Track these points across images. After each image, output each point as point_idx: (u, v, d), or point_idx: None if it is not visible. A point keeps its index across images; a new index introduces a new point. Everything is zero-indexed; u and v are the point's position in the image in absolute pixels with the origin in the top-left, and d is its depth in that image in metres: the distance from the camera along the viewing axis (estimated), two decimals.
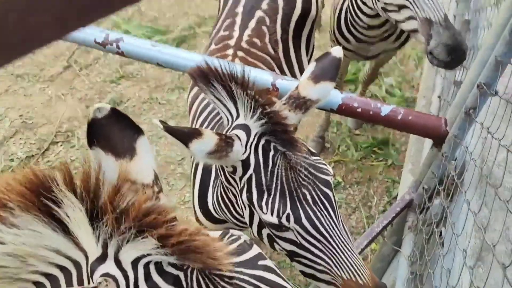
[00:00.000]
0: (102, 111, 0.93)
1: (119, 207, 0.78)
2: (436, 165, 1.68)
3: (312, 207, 1.25)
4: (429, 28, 1.72)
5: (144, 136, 0.97)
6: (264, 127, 1.27)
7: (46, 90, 3.89)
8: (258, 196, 1.26)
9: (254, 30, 2.18)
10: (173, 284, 0.81)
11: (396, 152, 3.64)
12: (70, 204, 0.77)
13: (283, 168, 1.26)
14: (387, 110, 1.63)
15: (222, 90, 1.30)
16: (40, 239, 0.78)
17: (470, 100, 1.43)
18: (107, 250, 0.80)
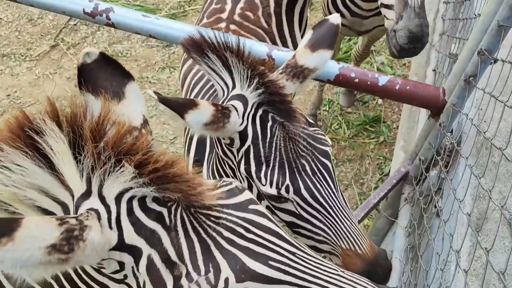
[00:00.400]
0: (91, 55, 0.93)
1: (99, 137, 0.77)
2: (434, 136, 1.67)
3: (311, 178, 1.23)
4: (403, 9, 1.72)
5: (134, 81, 0.97)
6: (261, 97, 1.23)
7: (33, 69, 3.81)
8: (256, 167, 1.24)
9: (247, 3, 2.14)
10: (155, 219, 0.80)
11: (387, 129, 3.65)
12: (53, 134, 0.76)
13: (281, 139, 1.23)
14: (385, 80, 1.61)
15: (217, 60, 1.26)
16: (27, 177, 0.77)
17: (470, 68, 1.42)
18: (91, 186, 0.79)
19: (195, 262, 0.78)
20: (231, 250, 0.80)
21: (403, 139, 3.02)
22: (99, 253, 0.76)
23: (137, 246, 0.80)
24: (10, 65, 3.83)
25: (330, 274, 0.85)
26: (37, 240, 0.69)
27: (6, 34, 4.07)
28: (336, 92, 3.83)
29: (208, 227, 0.81)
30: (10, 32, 4.10)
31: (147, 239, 0.79)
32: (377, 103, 3.81)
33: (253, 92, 1.24)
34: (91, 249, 0.73)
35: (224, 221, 0.82)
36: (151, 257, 0.79)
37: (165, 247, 0.79)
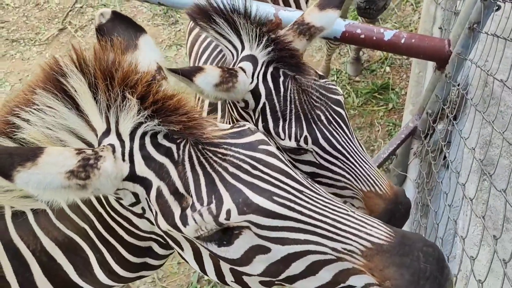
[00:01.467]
0: (105, 15, 1.00)
1: (110, 75, 0.84)
2: (440, 88, 1.70)
3: (328, 126, 1.26)
4: None
5: (146, 34, 1.03)
6: (271, 54, 1.26)
7: (43, 53, 3.86)
8: (273, 123, 1.27)
9: None
10: (165, 154, 0.86)
11: (396, 96, 3.66)
12: (74, 77, 0.83)
13: (295, 92, 1.26)
14: (390, 34, 1.63)
15: (225, 24, 1.28)
16: (59, 118, 0.85)
17: (474, 15, 1.44)
18: (109, 124, 0.86)
19: (199, 193, 0.84)
20: (235, 184, 0.84)
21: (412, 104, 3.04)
22: (113, 182, 0.84)
23: (148, 178, 0.86)
24: (20, 50, 3.89)
25: (339, 214, 0.87)
26: (57, 166, 0.77)
27: (14, 19, 4.13)
28: (344, 62, 3.85)
29: (214, 163, 0.86)
30: (18, 17, 4.15)
31: (156, 172, 0.86)
32: (385, 70, 3.82)
33: (263, 51, 1.26)
34: (105, 177, 0.81)
35: (231, 158, 0.87)
36: (160, 189, 0.86)
37: (173, 179, 0.85)
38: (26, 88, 0.87)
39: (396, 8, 4.21)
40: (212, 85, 1.18)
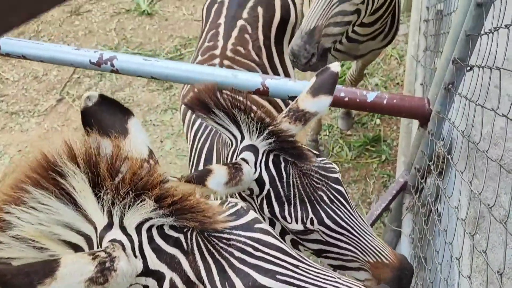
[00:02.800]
0: (92, 98, 1.01)
1: (116, 174, 0.86)
2: (425, 144, 1.77)
3: (330, 206, 1.32)
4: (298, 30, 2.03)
5: (134, 117, 1.05)
6: (272, 145, 1.31)
7: (42, 123, 3.97)
8: (279, 208, 1.31)
9: (237, 38, 2.29)
10: (174, 245, 0.89)
11: (388, 147, 3.74)
12: (74, 175, 0.84)
13: (296, 176, 1.30)
14: (373, 96, 1.72)
15: (224, 117, 1.33)
16: (53, 215, 0.85)
17: (448, 76, 1.52)
18: (112, 218, 0.87)
19: (213, 283, 0.87)
20: (243, 268, 0.89)
21: (404, 155, 3.11)
22: (128, 280, 0.85)
23: (160, 271, 0.88)
24: (19, 122, 3.99)
25: (328, 281, 0.93)
26: (76, 275, 0.77)
27: (13, 93, 4.26)
28: (335, 117, 3.95)
29: (221, 249, 0.90)
30: (17, 90, 4.29)
31: (168, 264, 0.88)
32: (375, 123, 3.92)
33: (263, 141, 1.32)
34: (122, 277, 0.82)
35: (235, 242, 0.91)
36: (173, 280, 0.88)
37: (185, 270, 0.88)
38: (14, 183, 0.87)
39: (381, 62, 4.38)
40: (222, 184, 1.23)
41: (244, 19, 2.34)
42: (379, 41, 2.63)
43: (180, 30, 4.76)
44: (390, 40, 2.68)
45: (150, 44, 4.64)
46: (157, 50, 4.56)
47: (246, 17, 2.34)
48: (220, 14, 2.38)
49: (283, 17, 2.44)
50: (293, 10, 2.52)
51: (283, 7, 2.45)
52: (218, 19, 2.37)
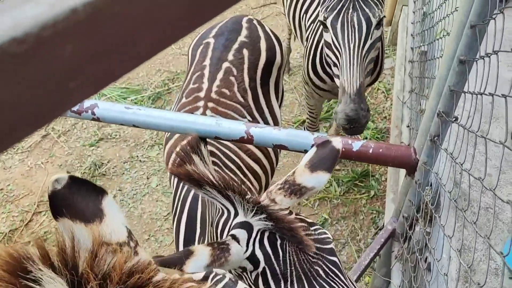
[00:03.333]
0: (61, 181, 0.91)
1: (100, 273, 0.78)
2: (412, 193, 1.74)
3: (326, 279, 1.28)
4: (342, 93, 2.00)
5: (108, 195, 0.96)
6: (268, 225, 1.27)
7: (25, 160, 3.89)
8: (276, 285, 1.27)
9: (222, 80, 2.27)
10: None
11: (377, 183, 3.71)
12: (50, 280, 0.75)
13: (293, 253, 1.27)
14: (358, 145, 1.69)
15: (218, 195, 1.31)
16: None
17: (433, 128, 1.51)
18: None
19: None
20: None
21: (392, 192, 3.08)
22: None
23: None
24: (2, 159, 3.91)
25: None
26: None
27: None
28: None
29: None
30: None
31: None
32: None
33: (259, 221, 1.28)
34: None
35: None
36: None
37: None
38: None
39: (368, 95, 4.40)
40: (203, 267, 1.19)
41: (229, 61, 2.33)
42: None
43: (168, 65, 4.76)
44: (375, 78, 2.69)
45: (137, 78, 4.63)
46: (144, 85, 4.54)
47: (231, 59, 2.33)
48: (206, 56, 2.37)
49: (269, 59, 2.43)
50: (278, 52, 2.51)
51: (269, 49, 2.45)
52: (204, 61, 2.36)
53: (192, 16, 0.32)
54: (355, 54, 1.97)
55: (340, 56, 2.01)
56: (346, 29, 1.99)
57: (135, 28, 0.31)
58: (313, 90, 2.86)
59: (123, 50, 0.30)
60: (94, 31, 0.29)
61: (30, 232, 3.36)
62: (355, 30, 1.98)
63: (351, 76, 1.96)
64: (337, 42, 2.03)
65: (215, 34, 2.46)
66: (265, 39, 2.48)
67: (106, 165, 3.85)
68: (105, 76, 0.30)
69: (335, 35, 2.02)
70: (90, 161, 3.87)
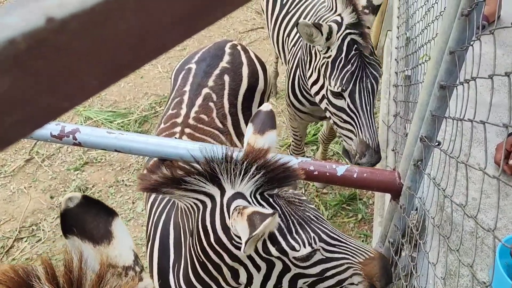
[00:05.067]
0: (73, 200, 0.94)
1: None
2: (397, 218, 1.72)
3: (319, 223, 1.44)
4: (365, 149, 2.17)
5: (118, 217, 0.98)
6: (258, 181, 1.36)
7: (8, 185, 3.82)
8: (285, 241, 1.37)
9: (201, 106, 2.26)
10: None
11: (364, 206, 3.70)
12: None
13: (286, 205, 1.40)
14: (342, 170, 1.68)
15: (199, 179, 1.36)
16: None
17: (417, 153, 1.50)
18: None
19: None
20: None
21: (380, 215, 3.07)
22: None
23: None
24: None
25: None
26: None
27: None
28: None
29: None
30: None
31: None
32: None
33: (248, 183, 1.37)
34: None
35: None
36: None
37: None
38: None
39: None
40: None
41: (209, 87, 2.32)
42: None
43: (155, 88, 4.75)
44: None
45: (124, 102, 4.61)
46: (131, 108, 4.52)
47: (211, 85, 2.33)
48: (186, 82, 2.37)
49: (251, 84, 2.43)
50: (262, 77, 2.52)
51: (251, 75, 2.45)
52: (184, 87, 2.35)
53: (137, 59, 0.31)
54: (371, 114, 2.19)
55: (357, 118, 2.17)
56: (363, 95, 2.15)
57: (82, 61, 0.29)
58: (295, 112, 2.88)
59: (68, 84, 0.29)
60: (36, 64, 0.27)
61: (10, 259, 3.27)
62: (370, 95, 2.17)
63: (372, 133, 2.17)
64: (354, 107, 2.17)
65: (197, 60, 2.47)
66: (247, 65, 2.48)
67: (91, 189, 3.79)
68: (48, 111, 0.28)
69: (353, 103, 2.16)
70: (74, 185, 3.80)
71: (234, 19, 5.66)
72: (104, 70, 0.30)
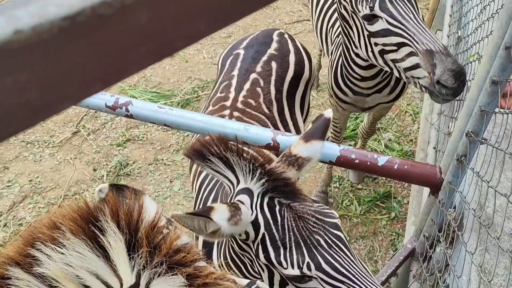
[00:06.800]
0: (103, 190, 1.07)
1: (153, 242, 0.88)
2: (435, 213, 1.73)
3: (328, 251, 1.28)
4: (432, 58, 1.79)
5: (146, 195, 1.09)
6: (265, 185, 1.33)
7: (55, 155, 4.01)
8: (275, 253, 1.30)
9: (249, 91, 2.31)
10: None
11: (398, 205, 3.68)
12: (113, 234, 0.87)
13: (292, 219, 1.30)
14: (384, 160, 1.70)
15: (219, 162, 1.37)
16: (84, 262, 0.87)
17: (461, 148, 1.51)
18: (139, 280, 0.89)
19: None
20: None
21: (414, 215, 3.05)
22: None
23: None
24: (33, 152, 4.04)
25: None
26: None
27: None
28: (346, 169, 3.92)
29: None
30: None
31: None
32: (387, 179, 3.87)
33: (257, 183, 1.34)
34: None
35: None
36: None
37: None
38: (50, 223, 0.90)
39: (396, 117, 4.38)
40: (225, 220, 1.26)
41: (257, 72, 2.37)
42: (385, 94, 2.63)
43: (199, 73, 4.85)
44: (398, 94, 2.69)
45: (168, 84, 4.73)
46: (174, 90, 4.64)
47: (259, 71, 2.38)
48: (235, 66, 2.42)
49: (297, 72, 2.47)
50: (307, 66, 2.55)
51: (298, 63, 2.48)
52: (232, 71, 2.41)
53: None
54: (417, 21, 1.88)
55: (405, 31, 1.89)
56: (397, 4, 1.91)
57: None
58: (337, 103, 2.88)
59: None
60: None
61: None
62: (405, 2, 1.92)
63: (430, 37, 1.85)
64: (394, 20, 1.91)
65: (245, 46, 2.52)
66: (294, 53, 2.52)
67: (131, 166, 3.93)
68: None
69: (391, 16, 1.92)
70: (116, 160, 3.95)
71: (280, 10, 5.69)
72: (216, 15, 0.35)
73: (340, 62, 2.61)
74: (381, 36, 1.97)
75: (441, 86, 1.77)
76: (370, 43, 2.06)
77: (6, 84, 0.29)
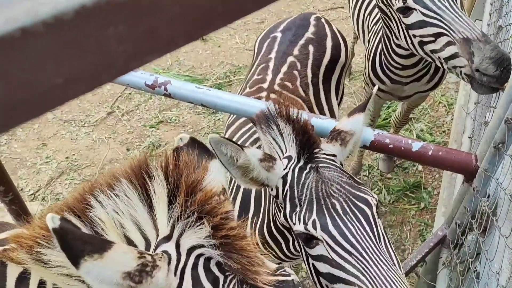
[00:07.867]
0: (184, 140, 1.14)
1: (191, 192, 0.93)
2: (468, 200, 1.72)
3: (342, 216, 1.25)
4: (469, 46, 1.75)
5: (215, 159, 1.16)
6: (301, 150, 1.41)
7: (90, 134, 4.13)
8: (290, 209, 1.35)
9: (286, 74, 2.33)
10: (211, 282, 0.92)
11: (428, 195, 3.65)
12: (159, 182, 0.94)
13: (313, 180, 1.35)
14: (418, 146, 1.70)
15: (277, 131, 1.46)
16: (130, 208, 0.93)
17: (499, 135, 1.50)
18: (173, 232, 0.94)
19: None
20: None
21: (444, 206, 3.03)
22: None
23: None
24: (70, 130, 4.17)
25: None
26: (119, 264, 0.82)
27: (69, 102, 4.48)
28: (376, 158, 3.91)
29: None
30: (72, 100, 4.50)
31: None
32: (417, 169, 3.84)
33: (296, 149, 1.41)
34: (155, 285, 0.86)
35: None
36: None
37: None
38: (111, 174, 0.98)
39: (429, 108, 4.32)
40: (257, 158, 1.36)
41: (294, 55, 2.39)
42: (424, 83, 2.61)
43: (231, 58, 4.89)
44: (436, 82, 2.65)
45: (201, 68, 4.78)
46: (207, 75, 4.70)
47: (296, 54, 2.39)
48: (272, 49, 2.44)
49: (333, 56, 2.47)
50: (343, 51, 2.55)
51: (334, 47, 2.48)
52: (269, 54, 2.43)
53: None
54: (456, 8, 1.84)
55: (441, 20, 1.85)
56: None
57: None
58: None
59: None
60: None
61: None
62: None
63: (467, 24, 1.80)
64: (428, 10, 1.87)
65: (282, 29, 2.54)
66: (331, 37, 2.52)
67: (164, 147, 4.02)
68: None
69: (425, 6, 1.88)
70: (149, 141, 4.05)
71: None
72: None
73: (379, 50, 2.60)
74: (417, 27, 1.95)
75: (481, 74, 1.73)
76: (409, 35, 2.04)
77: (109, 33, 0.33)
